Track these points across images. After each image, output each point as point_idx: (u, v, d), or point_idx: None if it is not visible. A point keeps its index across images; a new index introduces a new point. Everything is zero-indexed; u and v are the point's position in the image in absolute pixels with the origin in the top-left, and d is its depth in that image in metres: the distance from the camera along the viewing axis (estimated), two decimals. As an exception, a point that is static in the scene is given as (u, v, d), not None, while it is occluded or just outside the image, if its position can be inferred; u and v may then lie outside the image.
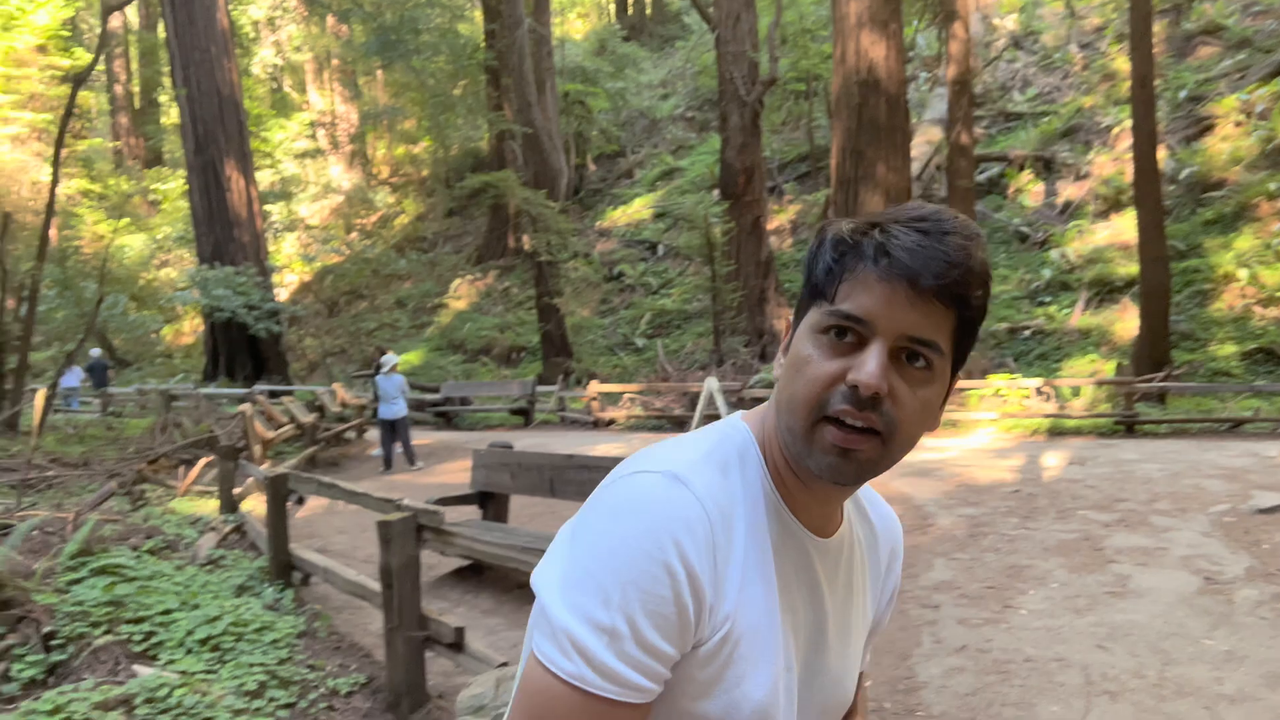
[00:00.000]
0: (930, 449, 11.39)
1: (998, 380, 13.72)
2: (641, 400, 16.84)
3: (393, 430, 12.44)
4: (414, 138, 35.72)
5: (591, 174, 29.72)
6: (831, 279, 0.96)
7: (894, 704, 3.92)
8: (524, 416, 17.48)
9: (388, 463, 12.48)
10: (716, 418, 12.89)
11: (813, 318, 0.96)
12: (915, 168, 19.17)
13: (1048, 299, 16.77)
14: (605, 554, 0.89)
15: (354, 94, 38.69)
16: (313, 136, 37.95)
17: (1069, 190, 19.12)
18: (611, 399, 17.12)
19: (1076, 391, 13.36)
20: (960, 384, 13.71)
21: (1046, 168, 19.85)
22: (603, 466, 5.45)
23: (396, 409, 12.36)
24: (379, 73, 35.05)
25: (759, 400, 15.20)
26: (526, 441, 12.83)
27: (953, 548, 6.53)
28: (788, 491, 1.01)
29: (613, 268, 24.45)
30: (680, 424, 15.21)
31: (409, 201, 34.95)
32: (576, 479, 5.55)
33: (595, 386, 16.78)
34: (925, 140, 20.62)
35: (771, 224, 21.65)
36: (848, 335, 0.93)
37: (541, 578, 0.94)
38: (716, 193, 20.63)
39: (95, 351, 24.32)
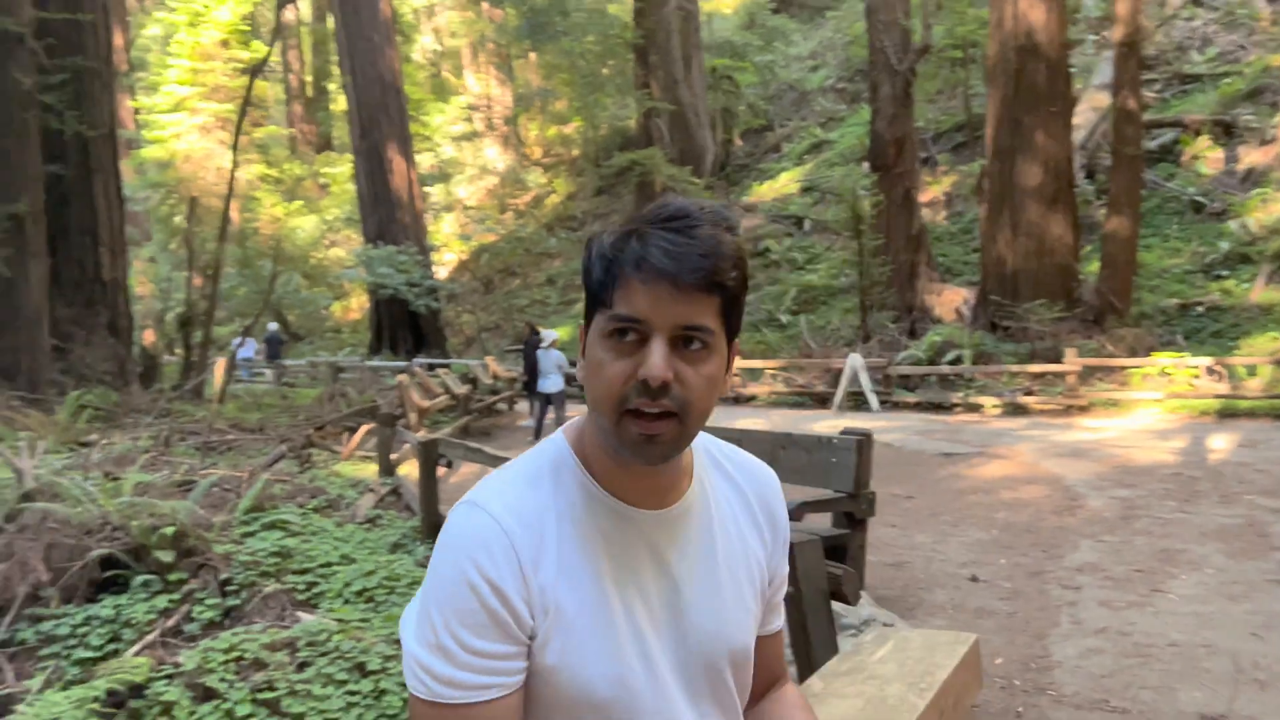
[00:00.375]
0: (1086, 429, 10.94)
1: (1163, 358, 12.97)
2: (783, 376, 16.77)
3: (547, 403, 12.87)
4: (565, 118, 36.43)
5: (738, 149, 29.57)
6: (605, 288, 1.06)
7: (1024, 681, 3.87)
8: (666, 391, 17.70)
9: (537, 433, 12.92)
10: (860, 395, 12.81)
11: (598, 323, 1.07)
12: (1080, 135, 18.23)
13: (1224, 273, 15.67)
14: (430, 588, 1.08)
15: (508, 77, 39.73)
16: (469, 119, 39.22)
17: (1252, 156, 17.76)
18: (753, 375, 17.11)
19: (1253, 371, 12.49)
20: (1120, 362, 13.09)
21: (1226, 132, 18.48)
22: (732, 437, 5.53)
23: (554, 383, 12.77)
24: (531, 55, 35.86)
25: (905, 377, 14.91)
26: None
27: (1101, 530, 6.30)
28: (612, 479, 1.13)
29: (758, 243, 24.32)
30: (823, 401, 15.08)
31: (559, 181, 35.70)
32: (708, 450, 5.67)
33: (736, 362, 16.81)
34: (1090, 107, 19.54)
35: (924, 196, 21.05)
36: (629, 335, 1.04)
37: (402, 623, 1.14)
38: (866, 165, 20.21)
39: (272, 326, 26.06)
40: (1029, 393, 13.28)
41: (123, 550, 5.06)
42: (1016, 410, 12.94)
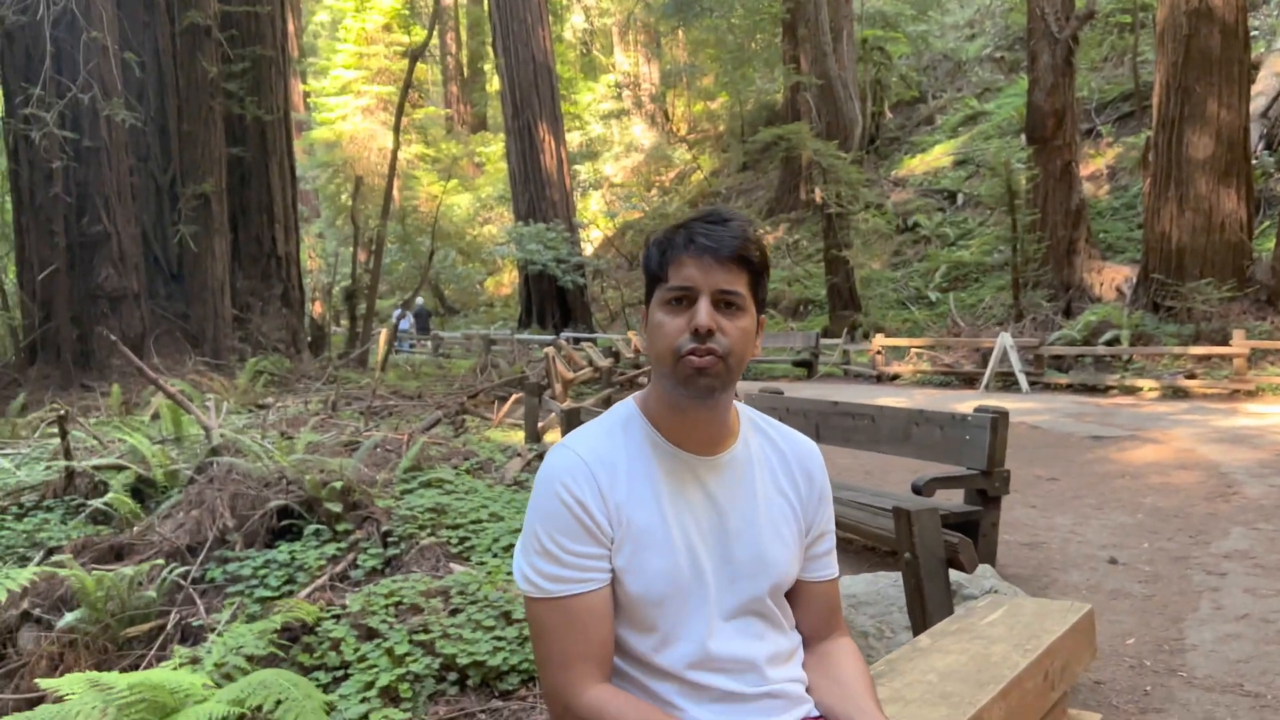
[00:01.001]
0: (1251, 414, 10.35)
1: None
2: (929, 355, 16.44)
3: None
4: (711, 94, 36.40)
5: (888, 122, 28.89)
6: (662, 267, 1.43)
7: (1155, 662, 3.82)
8: (807, 369, 17.64)
9: None
10: (1010, 375, 12.49)
11: (657, 296, 1.44)
12: (1260, 103, 17.00)
13: None
14: (533, 511, 1.43)
15: (656, 54, 39.94)
16: (617, 97, 39.69)
17: None
18: (897, 353, 16.85)
19: None
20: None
21: None
22: (866, 414, 5.59)
23: None
24: (679, 32, 35.93)
25: (1057, 358, 14.38)
26: (806, 393, 13.04)
27: (1256, 517, 6.04)
28: (671, 430, 1.46)
29: (907, 218, 23.78)
30: (970, 381, 14.73)
31: (705, 157, 35.75)
32: (840, 424, 5.73)
33: (880, 340, 16.59)
34: (1273, 73, 18.16)
35: (1086, 169, 20.09)
36: (681, 300, 1.40)
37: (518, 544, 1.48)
38: (1024, 138, 19.44)
39: (419, 301, 27.37)
40: (1191, 376, 12.61)
41: (297, 502, 5.53)
42: (1176, 394, 12.32)
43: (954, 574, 3.46)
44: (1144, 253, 15.22)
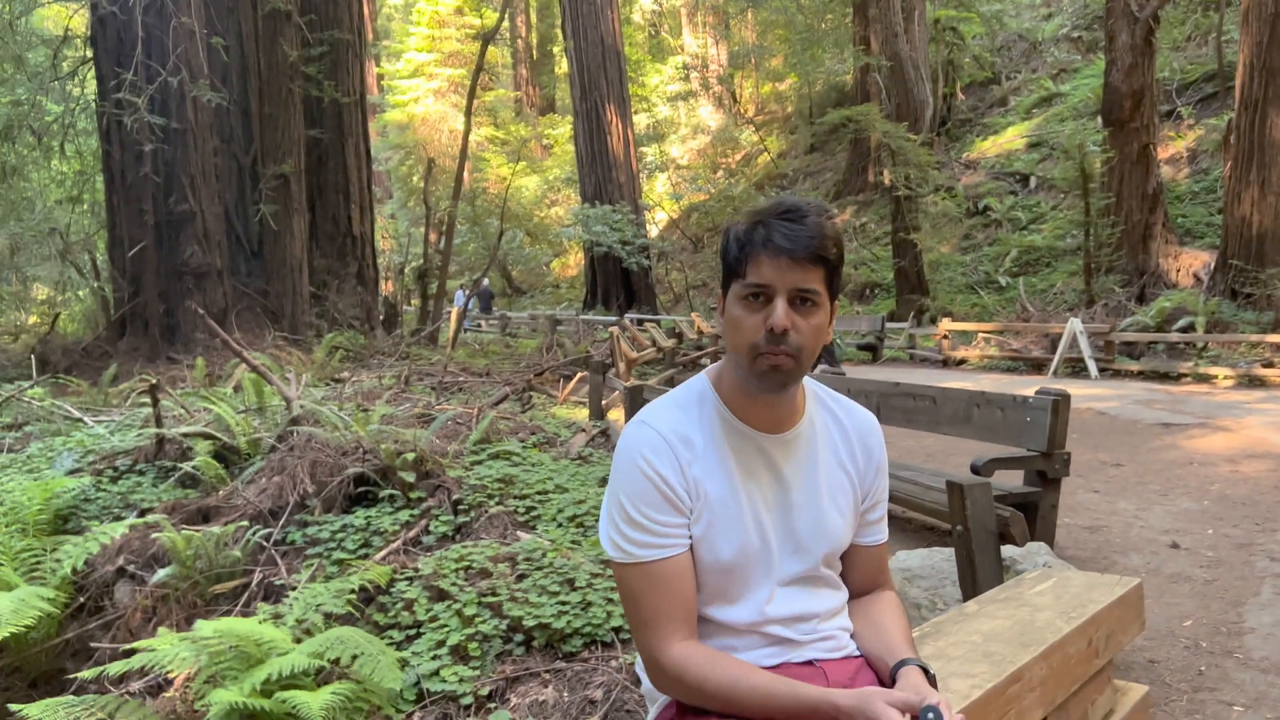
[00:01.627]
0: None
1: None
2: (997, 340, 16.24)
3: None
4: (780, 75, 36.13)
5: (960, 103, 28.39)
6: (740, 264, 1.48)
7: (1211, 644, 3.84)
8: (872, 353, 17.55)
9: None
10: (1079, 361, 12.29)
11: (735, 290, 1.50)
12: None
13: None
14: (617, 483, 1.53)
15: (724, 36, 39.72)
16: (685, 79, 39.62)
17: None
18: (964, 338, 16.67)
19: None
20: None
21: None
22: (927, 395, 5.63)
23: None
24: (748, 13, 35.70)
25: (1129, 344, 14.10)
26: (870, 376, 13.01)
27: (1328, 508, 5.94)
28: (742, 409, 1.57)
29: (978, 202, 23.40)
30: (1038, 367, 14.53)
31: (772, 139, 35.52)
32: (901, 405, 5.77)
33: (946, 324, 16.43)
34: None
35: (1164, 152, 19.57)
36: (759, 297, 1.46)
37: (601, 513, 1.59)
38: (1100, 119, 19.00)
39: (485, 282, 27.87)
40: (1269, 364, 12.28)
41: (372, 470, 5.77)
42: (1252, 382, 12.01)
43: (1008, 551, 3.53)
44: (1223, 238, 14.83)
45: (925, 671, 1.50)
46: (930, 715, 1.29)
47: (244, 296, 14.42)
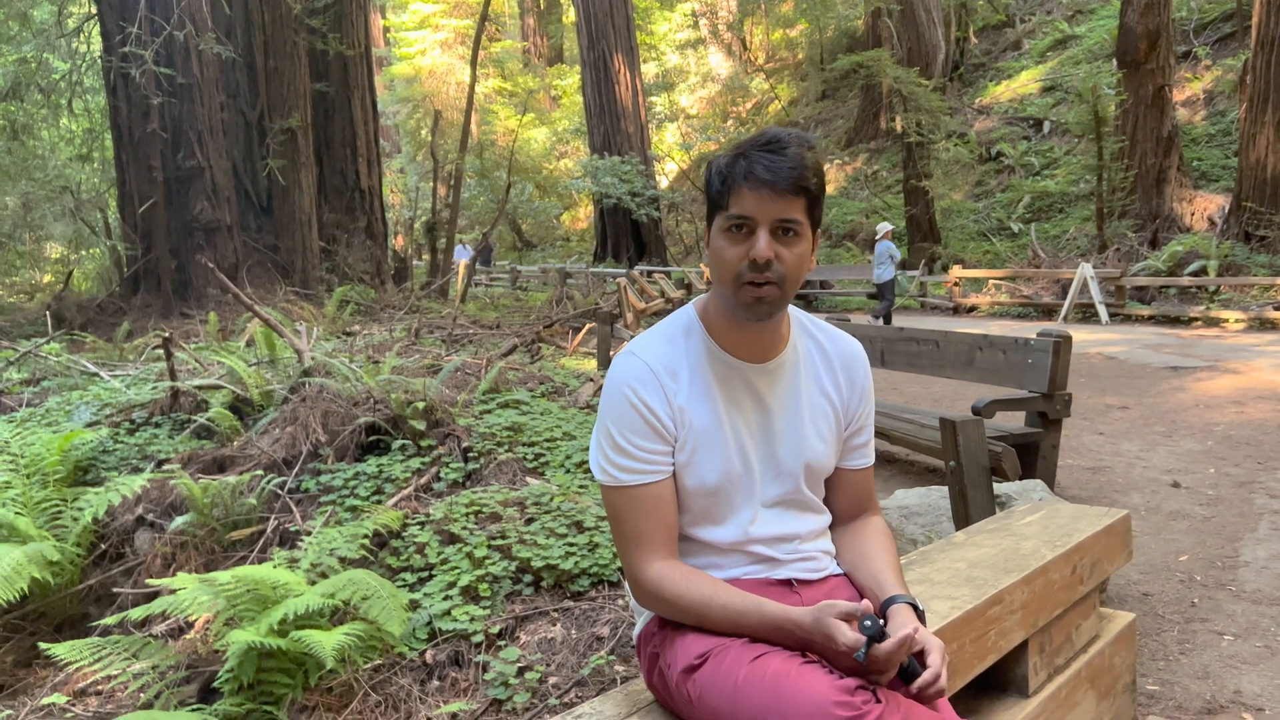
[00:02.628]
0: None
1: None
2: (1008, 287, 16.19)
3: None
4: (790, 21, 35.56)
5: (973, 48, 27.97)
6: (722, 196, 1.52)
7: (1205, 578, 3.91)
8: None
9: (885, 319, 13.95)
10: (1090, 307, 12.29)
11: (718, 223, 1.54)
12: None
13: None
14: (605, 412, 1.60)
15: (734, -20, 39.07)
16: (694, 26, 39.06)
17: None
18: (975, 285, 16.62)
19: None
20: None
21: None
22: (930, 339, 5.67)
23: (884, 272, 14.19)
24: (758, -44, 35.09)
25: (1141, 289, 14.05)
26: (879, 324, 13.02)
27: (1332, 447, 5.98)
28: (727, 339, 1.62)
29: (991, 148, 23.16)
30: (1049, 312, 14.51)
31: (782, 87, 35.10)
32: (905, 350, 5.82)
33: (957, 271, 16.37)
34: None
35: (1180, 94, 19.29)
36: (742, 228, 1.50)
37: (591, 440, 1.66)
38: (1115, 61, 18.71)
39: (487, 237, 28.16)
40: (1280, 307, 12.26)
41: (383, 419, 5.85)
42: (1263, 325, 11.97)
43: (1004, 488, 3.59)
44: (1237, 180, 14.67)
45: (915, 608, 1.53)
46: (868, 623, 1.35)
47: (254, 252, 14.48)
